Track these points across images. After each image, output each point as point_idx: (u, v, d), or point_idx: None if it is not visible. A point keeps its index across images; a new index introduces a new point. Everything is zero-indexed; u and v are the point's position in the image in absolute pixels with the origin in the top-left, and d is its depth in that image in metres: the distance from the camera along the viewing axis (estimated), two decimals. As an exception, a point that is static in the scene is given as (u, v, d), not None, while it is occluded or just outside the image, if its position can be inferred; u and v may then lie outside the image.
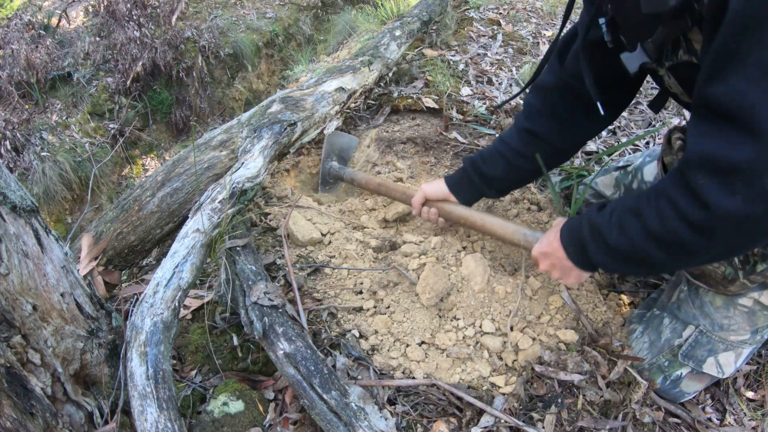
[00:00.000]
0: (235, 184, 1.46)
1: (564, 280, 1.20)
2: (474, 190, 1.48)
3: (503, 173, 1.41)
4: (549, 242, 1.17)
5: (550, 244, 1.16)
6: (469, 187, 1.48)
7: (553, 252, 1.16)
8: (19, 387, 0.93)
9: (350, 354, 1.30)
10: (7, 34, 4.09)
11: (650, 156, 1.54)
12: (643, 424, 1.25)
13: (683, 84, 1.05)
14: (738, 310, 1.23)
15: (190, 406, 1.22)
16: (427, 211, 1.53)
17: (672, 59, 0.98)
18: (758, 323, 1.23)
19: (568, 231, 1.12)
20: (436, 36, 3.02)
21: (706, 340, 1.27)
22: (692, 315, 1.29)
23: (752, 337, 1.24)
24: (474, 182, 1.46)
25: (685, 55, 0.95)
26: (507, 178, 1.43)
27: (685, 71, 0.99)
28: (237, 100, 4.63)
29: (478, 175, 1.44)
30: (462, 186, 1.49)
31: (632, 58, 1.07)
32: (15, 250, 0.92)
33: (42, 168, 3.45)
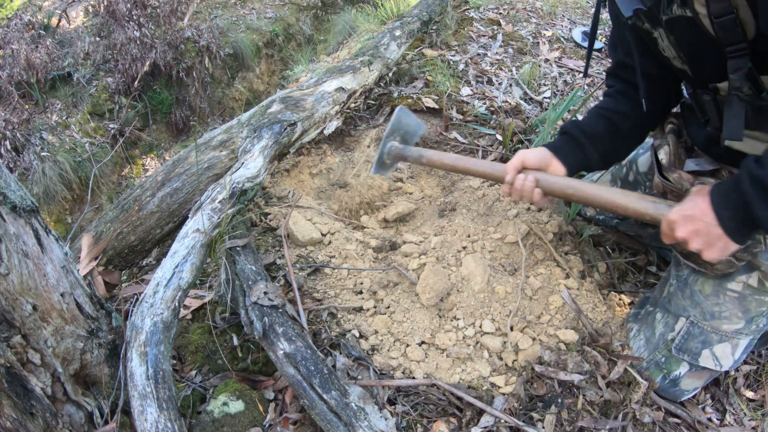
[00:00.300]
0: (235, 184, 1.46)
1: (705, 252, 1.03)
2: (580, 154, 1.31)
3: (606, 132, 1.31)
4: (695, 204, 1.01)
5: (697, 206, 1.01)
6: (575, 150, 1.31)
7: (700, 216, 1.00)
8: (19, 387, 0.93)
9: (350, 354, 1.30)
10: (7, 34, 4.08)
11: (643, 148, 1.55)
12: (643, 424, 1.25)
13: (678, 42, 1.04)
14: (728, 296, 1.23)
15: (190, 406, 1.22)
16: (524, 179, 1.25)
17: (667, 13, 0.98)
18: (750, 309, 1.22)
19: (722, 193, 0.99)
20: (436, 36, 3.02)
21: (698, 331, 1.26)
22: (682, 307, 1.29)
23: (747, 327, 1.23)
24: (580, 143, 1.30)
25: (679, 9, 0.94)
26: (610, 137, 1.31)
27: (680, 27, 0.99)
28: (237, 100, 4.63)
29: (583, 134, 1.30)
30: (567, 149, 1.31)
31: (627, 2, 1.05)
32: (15, 250, 0.92)
33: (42, 168, 3.45)
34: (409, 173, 2.19)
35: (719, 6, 0.87)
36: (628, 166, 1.58)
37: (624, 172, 1.59)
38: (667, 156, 1.23)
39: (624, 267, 1.68)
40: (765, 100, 0.98)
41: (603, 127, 1.31)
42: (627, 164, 1.59)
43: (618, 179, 1.61)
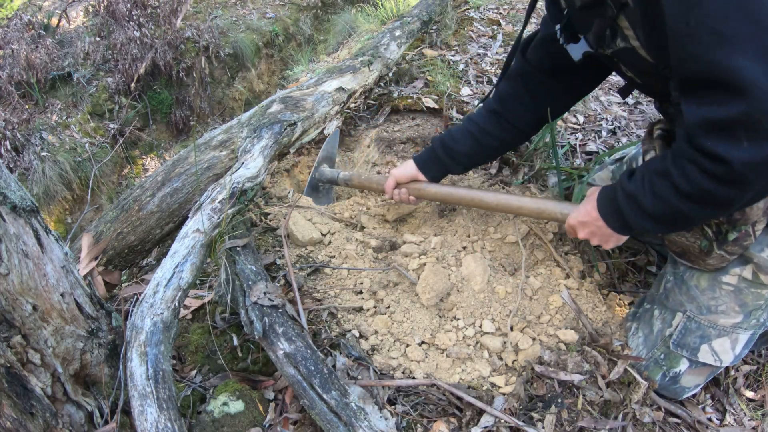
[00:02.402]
0: (235, 184, 1.46)
1: (604, 246, 1.25)
2: (441, 167, 1.60)
3: (470, 150, 1.55)
4: (587, 212, 1.21)
5: (588, 214, 1.21)
6: (437, 165, 1.60)
7: (592, 221, 1.20)
8: (19, 387, 0.93)
9: (350, 354, 1.30)
10: (7, 34, 4.09)
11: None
12: (643, 424, 1.25)
13: (630, 67, 1.16)
14: (723, 290, 1.23)
15: (190, 406, 1.22)
16: (398, 192, 1.66)
17: (612, 46, 1.09)
18: (747, 302, 1.22)
19: (605, 201, 1.16)
20: (436, 36, 3.02)
21: (695, 326, 1.27)
22: (679, 302, 1.30)
23: (746, 321, 1.23)
24: (441, 160, 1.58)
25: (622, 42, 1.05)
26: (473, 154, 1.57)
27: (626, 56, 1.09)
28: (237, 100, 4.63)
29: (446, 152, 1.56)
30: (430, 164, 1.61)
31: (576, 48, 1.21)
32: (15, 250, 0.92)
33: (42, 168, 3.45)
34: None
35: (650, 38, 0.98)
36: (628, 163, 1.59)
37: (624, 169, 1.59)
38: None
39: (624, 267, 1.68)
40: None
41: (469, 147, 1.54)
42: (627, 162, 1.59)
43: (618, 176, 1.62)
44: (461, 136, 1.55)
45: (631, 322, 1.43)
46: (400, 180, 1.64)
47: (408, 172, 1.63)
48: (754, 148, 0.84)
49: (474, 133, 1.53)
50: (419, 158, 1.62)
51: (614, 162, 1.68)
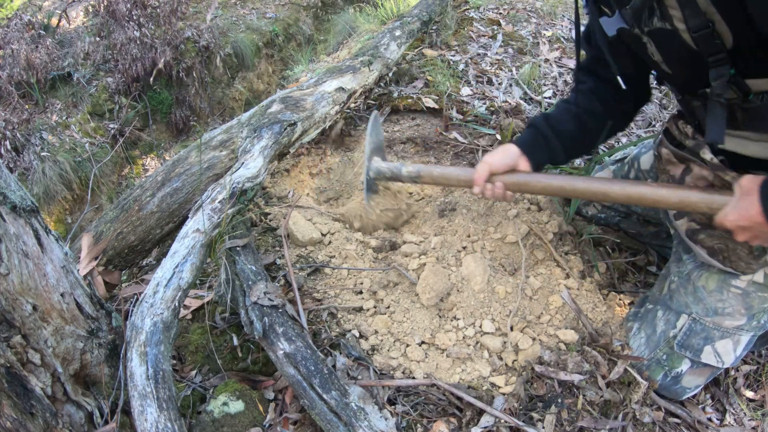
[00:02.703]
0: (235, 184, 1.46)
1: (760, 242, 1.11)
2: (547, 151, 1.36)
3: (575, 130, 1.36)
4: (749, 216, 1.03)
5: (751, 219, 1.03)
6: (543, 146, 1.36)
7: (756, 226, 1.04)
8: (19, 387, 0.93)
9: (350, 354, 1.30)
10: (7, 34, 4.08)
11: (645, 147, 1.56)
12: (643, 424, 1.25)
13: (661, 51, 1.09)
14: (731, 293, 1.23)
15: (190, 406, 1.22)
16: (492, 188, 1.32)
17: (648, 25, 1.02)
18: (753, 305, 1.22)
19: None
20: (436, 36, 3.02)
21: (700, 328, 1.27)
22: (684, 303, 1.29)
23: (749, 323, 1.23)
24: (548, 139, 1.35)
25: (659, 22, 0.99)
26: (577, 135, 1.37)
27: (662, 38, 1.04)
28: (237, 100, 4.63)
29: (552, 131, 1.35)
30: (534, 146, 1.35)
31: (610, 23, 1.12)
32: (15, 250, 0.92)
33: (42, 168, 3.45)
34: (409, 173, 2.19)
35: (696, 21, 0.92)
36: (630, 164, 1.59)
37: (626, 170, 1.59)
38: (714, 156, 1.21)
39: (624, 267, 1.68)
40: (753, 102, 1.01)
41: (573, 125, 1.35)
42: (629, 162, 1.59)
43: (619, 176, 1.62)
44: (561, 115, 1.37)
45: (633, 322, 1.42)
46: (496, 169, 1.31)
47: (506, 159, 1.32)
48: None
49: (574, 111, 1.36)
50: (522, 141, 1.36)
51: (615, 162, 1.68)
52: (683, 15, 0.92)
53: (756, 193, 1.01)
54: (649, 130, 2.39)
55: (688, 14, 0.92)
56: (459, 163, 2.19)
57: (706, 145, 1.22)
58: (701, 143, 1.24)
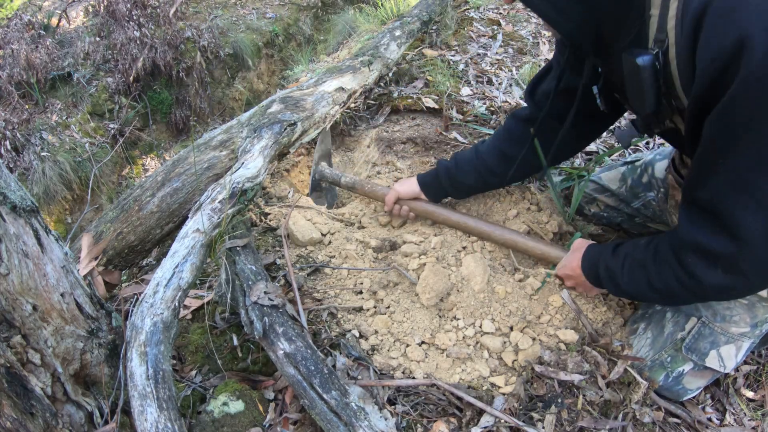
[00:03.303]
0: (235, 184, 1.46)
1: (588, 294, 1.46)
2: (442, 192, 1.68)
3: (473, 182, 1.62)
4: (572, 267, 1.37)
5: (573, 269, 1.37)
6: (439, 189, 1.67)
7: (575, 276, 1.37)
8: (19, 387, 0.93)
9: (350, 354, 1.30)
10: (7, 34, 4.08)
11: (660, 155, 1.56)
12: (643, 424, 1.25)
13: (669, 140, 1.26)
14: (739, 302, 1.25)
15: (190, 406, 1.22)
16: (399, 209, 1.72)
17: (660, 127, 1.13)
18: (758, 315, 1.24)
19: (588, 262, 1.31)
20: (436, 36, 3.02)
21: (709, 332, 1.27)
22: (694, 307, 1.30)
23: (752, 331, 1.25)
24: (444, 186, 1.65)
25: (671, 124, 1.10)
26: (475, 186, 1.66)
27: (671, 135, 1.17)
28: (237, 100, 4.63)
29: (450, 181, 1.62)
30: (433, 187, 1.67)
31: (624, 134, 1.24)
32: (15, 250, 0.92)
33: (42, 168, 3.45)
34: (409, 173, 2.19)
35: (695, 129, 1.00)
36: (643, 168, 1.58)
37: (638, 173, 1.59)
38: None
39: (624, 267, 1.68)
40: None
41: (473, 180, 1.61)
42: (642, 166, 1.59)
43: (629, 179, 1.62)
44: (467, 167, 1.60)
45: (639, 322, 1.42)
46: (402, 196, 1.69)
47: (410, 189, 1.68)
48: (726, 278, 0.97)
49: (479, 169, 1.58)
50: (423, 179, 1.68)
51: (626, 164, 1.68)
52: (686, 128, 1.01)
53: (580, 252, 1.34)
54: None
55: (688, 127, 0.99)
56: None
57: None
58: None
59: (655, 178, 1.54)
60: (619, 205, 1.67)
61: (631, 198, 1.62)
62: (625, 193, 1.64)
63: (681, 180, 1.37)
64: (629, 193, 1.62)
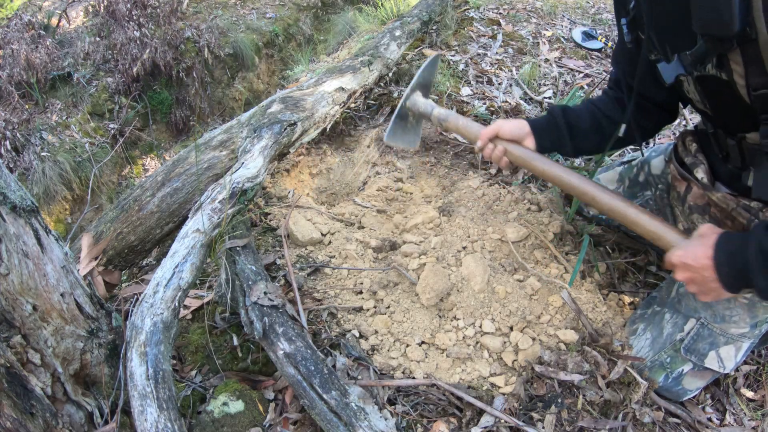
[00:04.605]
0: (235, 184, 1.46)
1: (699, 296, 1.12)
2: (555, 138, 1.38)
3: (589, 130, 1.37)
4: (696, 257, 1.05)
5: (698, 260, 1.04)
6: (552, 133, 1.38)
7: (699, 268, 1.04)
8: (19, 387, 0.93)
9: (350, 354, 1.30)
10: (7, 34, 4.08)
11: (656, 151, 1.55)
12: (643, 424, 1.25)
13: (706, 95, 1.06)
14: (739, 302, 1.24)
15: (190, 406, 1.22)
16: (492, 148, 1.37)
17: (700, 70, 0.98)
18: (758, 315, 1.23)
19: (727, 252, 1.01)
20: (436, 36, 3.02)
21: (708, 333, 1.27)
22: (693, 308, 1.30)
23: (751, 331, 1.25)
24: (559, 128, 1.37)
25: (714, 69, 0.95)
26: (589, 133, 1.38)
27: (711, 84, 1.00)
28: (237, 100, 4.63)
29: (566, 124, 1.37)
30: (545, 130, 1.38)
31: (668, 69, 1.07)
32: (15, 250, 0.92)
33: (42, 168, 3.45)
34: (409, 173, 2.19)
35: (760, 80, 0.87)
36: (639, 166, 1.58)
37: (634, 173, 1.59)
38: (707, 175, 1.24)
39: (624, 267, 1.68)
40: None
41: (588, 124, 1.37)
42: (638, 165, 1.59)
43: (627, 179, 1.61)
44: (581, 112, 1.39)
45: (638, 323, 1.42)
46: (503, 134, 1.35)
47: (515, 131, 1.35)
48: None
49: (594, 112, 1.38)
50: (535, 122, 1.38)
51: (623, 164, 1.67)
52: (745, 71, 0.89)
53: (712, 239, 1.03)
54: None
55: (751, 71, 0.88)
56: (459, 164, 2.19)
57: (702, 164, 1.25)
58: (698, 162, 1.26)
59: (652, 175, 1.53)
60: None
61: (630, 198, 1.62)
62: (623, 193, 1.64)
63: (683, 171, 1.29)
64: (627, 193, 1.62)
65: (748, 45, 0.84)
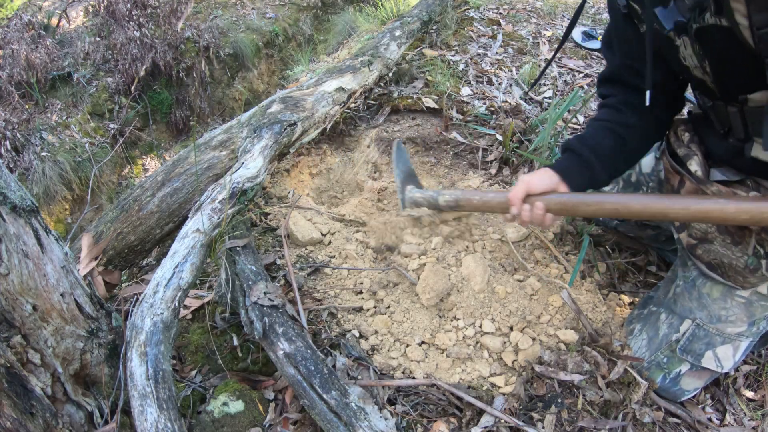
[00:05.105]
0: (235, 184, 1.46)
1: None
2: (587, 174, 1.25)
3: (615, 148, 1.25)
4: None
5: None
6: (583, 170, 1.25)
7: None
8: (19, 387, 0.93)
9: (350, 354, 1.30)
10: (7, 34, 4.08)
11: None
12: (643, 424, 1.25)
13: (706, 52, 0.98)
14: (735, 301, 1.23)
15: (190, 406, 1.22)
16: (529, 209, 1.22)
17: (699, 21, 0.92)
18: (755, 314, 1.22)
19: None
20: (436, 36, 3.02)
21: (704, 333, 1.27)
22: (689, 309, 1.29)
23: (749, 330, 1.24)
24: (587, 160, 1.23)
25: (713, 17, 0.89)
26: (617, 151, 1.25)
27: (711, 36, 0.93)
28: (237, 100, 4.63)
29: (591, 152, 1.23)
30: (574, 170, 1.24)
31: (667, 14, 0.99)
32: (15, 250, 0.92)
33: (42, 168, 3.45)
34: (409, 173, 2.19)
35: (763, 16, 0.82)
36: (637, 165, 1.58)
37: (626, 174, 1.59)
38: (701, 167, 1.18)
39: (624, 267, 1.68)
40: None
41: (611, 142, 1.24)
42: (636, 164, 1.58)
43: (621, 179, 1.61)
44: (596, 133, 1.26)
45: (635, 323, 1.42)
46: (534, 189, 1.21)
47: (545, 181, 1.22)
48: None
49: (610, 126, 1.25)
50: (559, 165, 1.25)
51: None
52: (748, 9, 0.82)
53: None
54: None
55: (753, 8, 0.81)
56: (459, 164, 2.19)
57: (695, 155, 1.20)
58: (691, 153, 1.21)
59: (643, 174, 1.53)
60: None
61: None
62: None
63: (676, 164, 1.23)
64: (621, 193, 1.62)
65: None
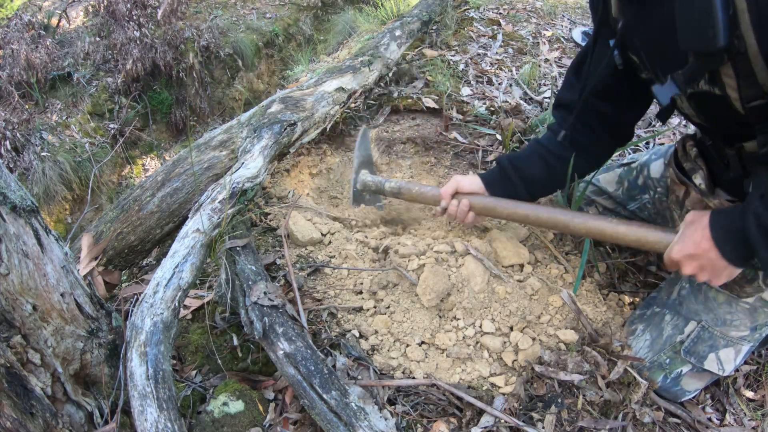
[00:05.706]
0: (235, 184, 1.46)
1: (713, 281, 1.11)
2: (509, 189, 1.43)
3: (542, 176, 1.40)
4: (696, 243, 1.06)
5: (698, 245, 1.05)
6: (505, 184, 1.43)
7: (703, 253, 1.05)
8: (19, 387, 0.93)
9: (350, 354, 1.30)
10: (7, 34, 4.09)
11: (656, 154, 1.55)
12: (643, 424, 1.25)
13: (700, 110, 1.06)
14: (740, 307, 1.25)
15: (190, 406, 1.22)
16: (457, 204, 1.42)
17: (693, 88, 0.98)
18: (758, 320, 1.24)
19: (723, 228, 1.02)
20: (436, 36, 3.02)
21: (708, 336, 1.27)
22: (695, 311, 1.30)
23: (751, 334, 1.25)
24: (511, 180, 1.41)
25: (706, 85, 0.95)
26: (543, 179, 1.42)
27: (705, 100, 1.00)
28: (237, 100, 4.63)
29: (516, 172, 1.40)
30: (497, 183, 1.43)
31: (663, 91, 1.06)
32: (15, 250, 0.92)
33: (42, 168, 3.45)
34: (410, 173, 2.19)
35: (752, 92, 0.88)
36: (638, 169, 1.58)
37: (634, 175, 1.59)
38: (705, 181, 1.24)
39: (624, 267, 1.68)
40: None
41: (538, 170, 1.40)
42: (638, 168, 1.58)
43: (626, 181, 1.61)
44: (530, 159, 1.41)
45: (638, 323, 1.42)
46: (462, 188, 1.43)
47: (474, 186, 1.43)
48: None
49: (544, 156, 1.39)
50: (485, 176, 1.45)
51: (621, 166, 1.67)
52: (738, 84, 0.89)
53: (704, 221, 1.05)
54: (649, 130, 2.39)
55: (743, 84, 0.88)
56: (459, 164, 2.19)
57: (700, 170, 1.25)
58: (696, 168, 1.26)
59: (651, 178, 1.53)
60: (616, 208, 1.66)
61: (628, 200, 1.62)
62: (621, 195, 1.64)
63: (682, 176, 1.31)
64: (626, 195, 1.62)
65: (738, 58, 0.85)
